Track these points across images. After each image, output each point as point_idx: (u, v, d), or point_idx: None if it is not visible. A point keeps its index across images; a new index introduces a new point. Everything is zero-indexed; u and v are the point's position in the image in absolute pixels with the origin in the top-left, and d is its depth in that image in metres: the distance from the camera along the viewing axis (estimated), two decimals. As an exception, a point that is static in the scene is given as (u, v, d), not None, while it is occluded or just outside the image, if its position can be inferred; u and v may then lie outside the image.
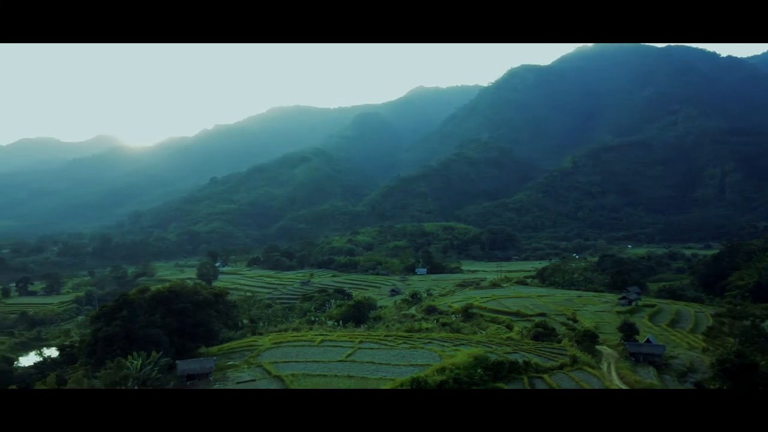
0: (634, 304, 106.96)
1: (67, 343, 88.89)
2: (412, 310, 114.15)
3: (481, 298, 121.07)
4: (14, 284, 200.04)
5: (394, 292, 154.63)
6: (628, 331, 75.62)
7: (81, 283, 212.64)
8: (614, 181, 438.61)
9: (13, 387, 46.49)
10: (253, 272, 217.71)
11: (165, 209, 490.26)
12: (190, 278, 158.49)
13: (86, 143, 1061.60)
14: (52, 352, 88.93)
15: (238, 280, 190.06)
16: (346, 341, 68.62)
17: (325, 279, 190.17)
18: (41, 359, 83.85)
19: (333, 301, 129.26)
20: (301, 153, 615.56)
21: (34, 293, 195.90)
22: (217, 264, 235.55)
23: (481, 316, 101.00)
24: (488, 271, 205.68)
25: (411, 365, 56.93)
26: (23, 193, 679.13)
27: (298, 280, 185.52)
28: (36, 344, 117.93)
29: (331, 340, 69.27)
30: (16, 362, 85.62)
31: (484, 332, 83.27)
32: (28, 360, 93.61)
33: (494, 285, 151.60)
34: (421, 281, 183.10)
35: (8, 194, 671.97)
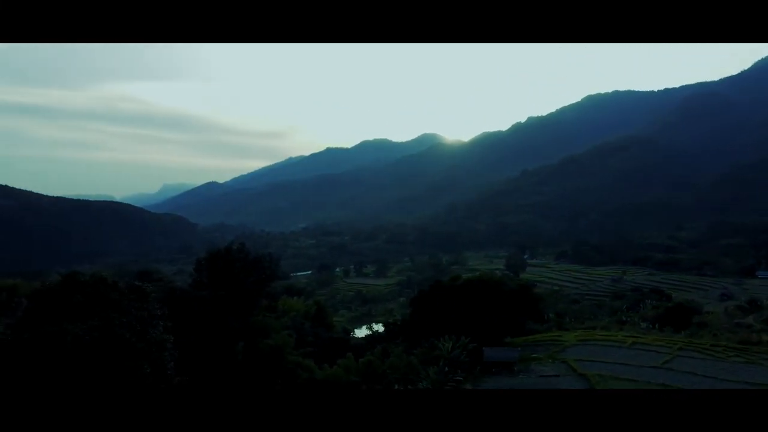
0: None
1: (390, 320, 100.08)
2: (749, 319, 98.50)
3: None
4: (352, 266, 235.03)
5: (725, 297, 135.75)
6: None
7: (403, 268, 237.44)
8: None
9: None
10: (560, 266, 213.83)
11: (477, 201, 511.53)
12: (498, 269, 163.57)
13: (412, 142, 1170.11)
14: (379, 328, 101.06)
15: (545, 273, 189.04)
16: (662, 346, 62.29)
17: (639, 277, 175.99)
18: (370, 333, 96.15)
19: (648, 301, 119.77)
20: (617, 141, 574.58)
21: (366, 275, 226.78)
22: (525, 256, 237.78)
23: None
24: None
25: (744, 382, 48.83)
26: (362, 188, 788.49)
27: (609, 277, 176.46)
28: (366, 319, 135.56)
29: (643, 343, 63.73)
30: (352, 333, 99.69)
31: None
32: (360, 332, 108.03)
33: None
34: (762, 286, 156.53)
35: (351, 189, 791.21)
